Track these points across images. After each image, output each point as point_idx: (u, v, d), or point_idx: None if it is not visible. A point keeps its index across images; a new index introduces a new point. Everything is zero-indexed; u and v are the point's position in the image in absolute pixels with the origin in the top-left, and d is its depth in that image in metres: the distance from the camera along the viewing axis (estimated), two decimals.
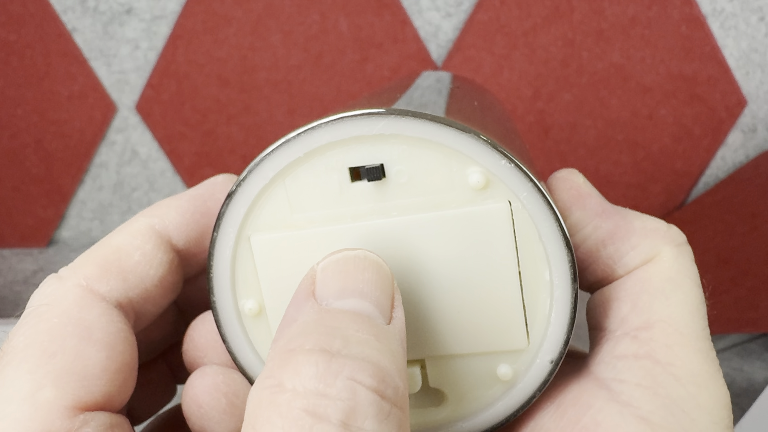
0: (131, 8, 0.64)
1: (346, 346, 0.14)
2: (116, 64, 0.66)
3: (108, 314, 0.17)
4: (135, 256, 0.18)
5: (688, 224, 0.61)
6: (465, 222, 0.16)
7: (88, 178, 0.70)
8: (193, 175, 0.69)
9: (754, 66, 0.64)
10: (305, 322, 0.15)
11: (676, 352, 0.16)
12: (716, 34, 0.63)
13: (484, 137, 0.15)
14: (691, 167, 0.66)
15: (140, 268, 0.18)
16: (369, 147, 0.16)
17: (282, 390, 0.14)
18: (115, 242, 0.18)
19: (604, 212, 0.18)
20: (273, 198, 0.16)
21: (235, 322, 0.18)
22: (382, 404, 0.14)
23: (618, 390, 0.16)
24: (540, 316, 0.17)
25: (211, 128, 0.67)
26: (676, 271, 0.17)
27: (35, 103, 0.66)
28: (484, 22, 0.62)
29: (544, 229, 0.16)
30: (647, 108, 0.64)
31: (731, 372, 0.48)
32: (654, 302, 0.17)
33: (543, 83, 0.64)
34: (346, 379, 0.13)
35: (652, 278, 0.17)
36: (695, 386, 0.16)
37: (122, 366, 0.17)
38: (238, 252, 0.17)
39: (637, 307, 0.17)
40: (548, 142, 0.65)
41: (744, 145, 0.67)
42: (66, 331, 0.16)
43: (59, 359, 0.16)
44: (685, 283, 0.17)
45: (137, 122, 0.68)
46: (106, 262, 0.18)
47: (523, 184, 0.15)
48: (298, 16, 0.63)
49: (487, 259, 0.16)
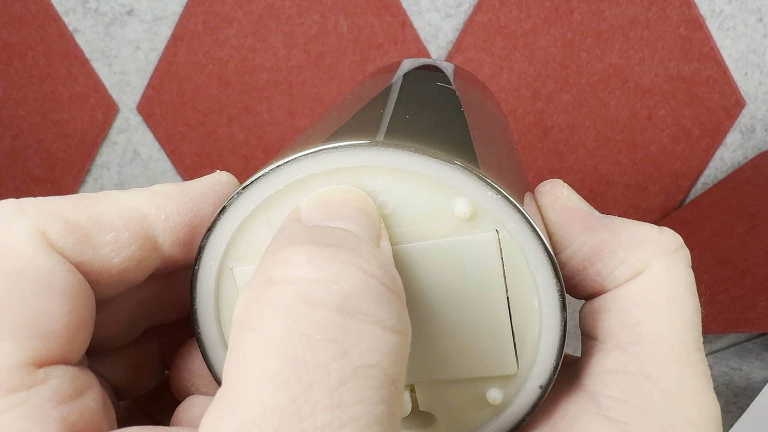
0: (132, 9, 0.64)
1: (339, 242, 0.13)
2: (117, 65, 0.66)
3: (67, 264, 0.15)
4: (107, 236, 0.16)
5: (687, 224, 0.61)
6: (452, 251, 0.16)
7: (90, 179, 0.70)
8: (194, 176, 0.69)
9: (753, 67, 0.64)
10: (293, 231, 0.14)
11: (666, 367, 0.16)
12: (715, 35, 0.63)
13: (470, 169, 0.15)
14: (689, 167, 0.67)
15: (106, 250, 0.16)
16: (352, 178, 0.15)
17: (271, 283, 0.13)
18: (98, 210, 0.16)
19: (590, 227, 0.18)
20: (255, 229, 0.16)
21: (221, 353, 0.17)
22: (381, 289, 0.13)
23: (606, 405, 0.16)
24: (529, 342, 0.16)
25: (212, 129, 0.67)
26: (668, 281, 0.17)
27: (37, 103, 0.67)
28: (484, 23, 0.63)
29: (532, 259, 0.15)
30: (646, 108, 0.64)
31: (729, 371, 0.48)
32: (644, 316, 0.16)
33: (542, 84, 0.64)
34: (342, 263, 0.12)
35: (642, 292, 0.17)
36: (684, 401, 0.16)
37: (83, 321, 0.15)
38: (221, 283, 0.17)
39: (627, 320, 0.17)
40: (547, 142, 0.66)
41: (742, 146, 0.67)
42: (23, 277, 0.15)
43: (17, 310, 0.14)
44: (677, 293, 0.17)
45: (138, 123, 0.68)
46: (76, 226, 0.16)
47: (511, 215, 0.15)
48: (298, 17, 0.63)
49: (476, 287, 0.16)
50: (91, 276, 0.16)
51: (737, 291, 0.46)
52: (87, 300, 0.16)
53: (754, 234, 0.51)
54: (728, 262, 0.50)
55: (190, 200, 0.17)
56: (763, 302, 0.43)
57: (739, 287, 0.46)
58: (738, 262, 0.49)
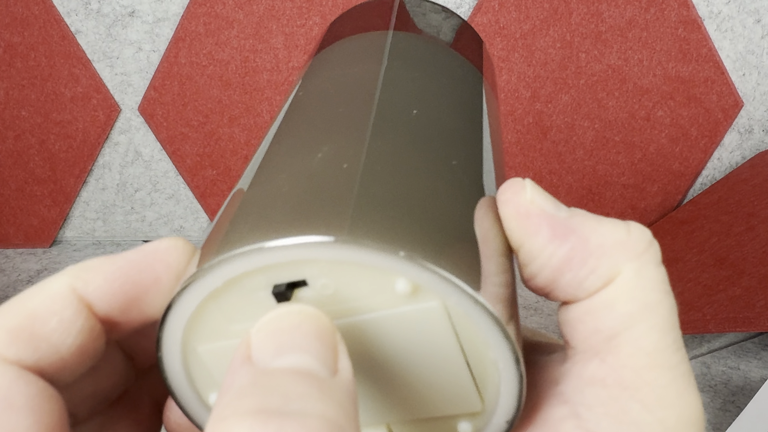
0: (134, 11, 0.64)
1: (286, 404, 0.13)
2: (119, 66, 0.66)
3: (24, 375, 0.15)
4: (51, 322, 0.16)
5: (685, 224, 0.62)
6: (400, 321, 0.16)
7: (92, 179, 0.71)
8: (195, 176, 0.69)
9: (750, 68, 0.64)
10: (240, 386, 0.14)
11: (644, 377, 0.16)
12: (713, 36, 0.63)
13: (405, 253, 0.14)
14: (687, 168, 0.67)
15: (56, 336, 0.16)
16: (289, 270, 0.15)
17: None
18: (31, 305, 0.16)
19: (557, 235, 0.17)
20: (207, 316, 0.16)
21: (206, 414, 0.18)
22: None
23: (586, 417, 0.16)
24: (491, 386, 0.17)
25: (213, 129, 0.67)
26: (640, 288, 0.16)
27: (39, 104, 0.67)
28: (483, 24, 0.63)
29: (480, 323, 0.15)
30: (644, 109, 0.65)
31: (727, 370, 0.48)
32: (620, 327, 0.16)
33: (541, 85, 0.64)
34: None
35: (616, 302, 0.16)
36: (662, 410, 0.16)
37: (53, 426, 0.15)
38: (189, 364, 0.17)
39: (602, 333, 0.16)
40: (546, 143, 0.66)
41: (740, 146, 0.67)
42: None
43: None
44: (650, 298, 0.16)
45: (140, 123, 0.68)
46: (18, 328, 0.16)
47: (452, 291, 0.15)
48: (299, 18, 0.64)
49: (431, 347, 0.16)
50: (54, 367, 0.16)
51: (735, 290, 0.46)
52: (52, 404, 0.16)
53: (752, 234, 0.52)
54: (726, 262, 0.50)
55: (118, 269, 0.17)
56: (761, 302, 0.44)
57: (737, 287, 0.47)
58: (736, 262, 0.50)
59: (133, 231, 0.73)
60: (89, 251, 0.72)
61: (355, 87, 0.20)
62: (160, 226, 0.73)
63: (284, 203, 0.16)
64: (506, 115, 0.66)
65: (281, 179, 0.17)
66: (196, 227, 0.73)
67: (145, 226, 0.73)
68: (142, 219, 0.72)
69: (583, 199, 0.68)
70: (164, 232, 0.73)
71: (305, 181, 0.16)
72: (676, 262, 0.55)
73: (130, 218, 0.72)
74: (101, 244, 0.73)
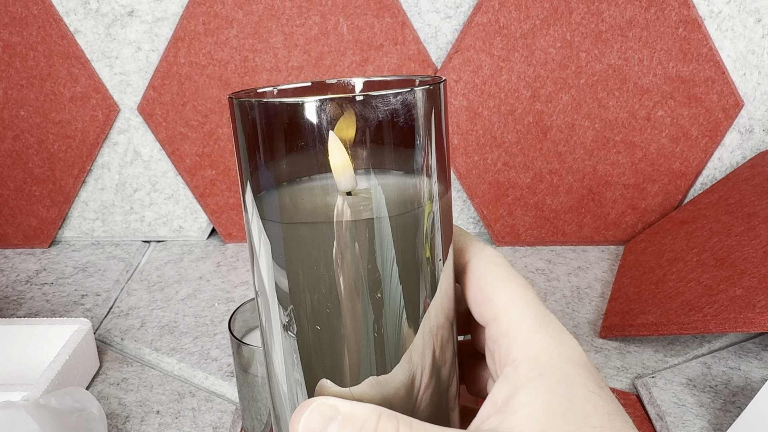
0: (133, 10, 0.64)
1: None
2: (118, 66, 0.66)
3: None
4: None
5: (686, 224, 0.62)
6: None
7: (91, 179, 0.70)
8: (194, 176, 0.69)
9: (751, 67, 0.64)
10: None
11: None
12: (713, 36, 0.63)
13: None
14: (688, 168, 0.67)
15: None
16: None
17: None
18: None
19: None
20: None
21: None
22: None
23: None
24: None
25: (212, 129, 0.67)
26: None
27: (38, 104, 0.67)
28: (483, 24, 0.63)
29: None
30: (645, 109, 0.65)
31: (728, 371, 0.48)
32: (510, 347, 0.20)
33: (542, 84, 0.64)
34: None
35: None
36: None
37: None
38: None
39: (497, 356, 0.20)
40: (547, 142, 0.66)
41: (741, 146, 0.67)
42: None
43: None
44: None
45: (139, 123, 0.68)
46: None
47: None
48: (298, 18, 0.64)
49: None
50: None
51: (736, 291, 0.46)
52: None
53: (753, 234, 0.52)
54: (727, 262, 0.50)
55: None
56: (761, 302, 0.44)
57: (738, 287, 0.47)
58: (736, 262, 0.49)
59: (132, 231, 0.73)
60: (88, 251, 0.72)
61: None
62: (159, 226, 0.73)
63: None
64: (506, 114, 0.66)
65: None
66: (195, 227, 0.73)
67: (144, 226, 0.73)
68: (141, 219, 0.72)
69: (583, 199, 0.68)
70: (163, 232, 0.73)
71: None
72: (677, 263, 0.55)
73: (129, 218, 0.72)
74: (100, 244, 0.73)
